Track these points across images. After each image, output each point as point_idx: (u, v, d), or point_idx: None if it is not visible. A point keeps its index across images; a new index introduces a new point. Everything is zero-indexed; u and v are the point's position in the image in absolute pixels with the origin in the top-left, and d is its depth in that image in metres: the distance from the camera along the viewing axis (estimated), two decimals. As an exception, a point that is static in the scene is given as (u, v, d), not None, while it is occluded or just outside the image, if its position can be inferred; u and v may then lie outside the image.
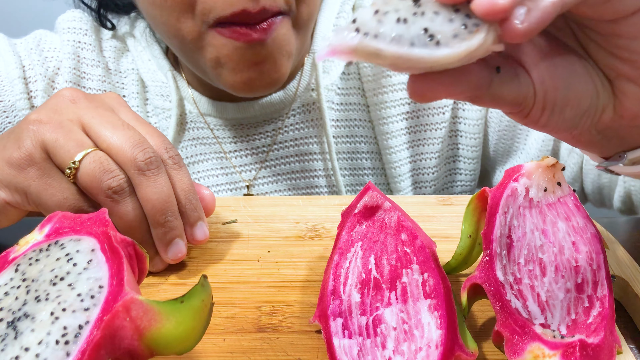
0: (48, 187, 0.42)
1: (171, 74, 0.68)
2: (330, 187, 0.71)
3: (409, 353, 0.33)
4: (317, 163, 0.70)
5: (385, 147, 0.70)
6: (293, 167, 0.70)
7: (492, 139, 0.72)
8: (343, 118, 0.70)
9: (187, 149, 0.69)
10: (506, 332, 0.34)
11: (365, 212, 0.41)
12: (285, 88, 0.68)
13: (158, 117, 0.69)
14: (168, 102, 0.68)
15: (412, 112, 0.71)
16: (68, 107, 0.44)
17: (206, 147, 0.69)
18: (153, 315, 0.29)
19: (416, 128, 0.71)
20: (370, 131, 0.71)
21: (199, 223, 0.45)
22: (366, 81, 0.69)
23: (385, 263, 0.38)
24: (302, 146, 0.70)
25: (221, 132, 0.69)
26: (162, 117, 0.69)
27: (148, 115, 0.70)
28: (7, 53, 0.66)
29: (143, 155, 0.41)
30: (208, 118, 0.69)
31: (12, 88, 0.65)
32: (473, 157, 0.73)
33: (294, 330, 0.39)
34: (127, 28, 0.71)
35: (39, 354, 0.28)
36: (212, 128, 0.69)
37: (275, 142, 0.70)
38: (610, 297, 0.36)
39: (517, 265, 0.37)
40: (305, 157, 0.70)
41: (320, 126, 0.69)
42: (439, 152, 0.72)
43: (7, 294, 0.31)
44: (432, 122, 0.71)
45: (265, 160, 0.70)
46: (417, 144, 0.72)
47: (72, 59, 0.67)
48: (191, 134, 0.69)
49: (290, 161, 0.70)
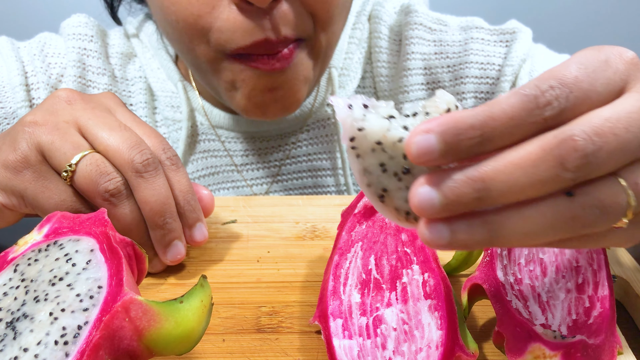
0: (45, 190, 0.41)
1: (182, 84, 0.66)
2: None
3: (409, 354, 0.33)
4: (330, 179, 0.69)
5: None
6: (305, 183, 0.69)
7: None
8: None
9: (198, 161, 0.68)
10: (507, 332, 0.33)
11: (366, 212, 0.41)
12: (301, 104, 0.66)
13: (168, 129, 0.68)
14: (178, 113, 0.67)
15: None
16: (64, 109, 0.43)
17: (217, 160, 0.68)
18: (152, 316, 0.29)
19: None
20: None
21: (198, 224, 0.45)
22: (382, 96, 0.69)
23: (385, 263, 0.38)
24: (315, 161, 0.69)
25: (232, 144, 0.68)
26: (173, 129, 0.67)
27: (157, 126, 0.68)
28: (10, 59, 0.64)
29: (140, 157, 0.41)
30: (219, 130, 0.67)
31: (13, 95, 0.63)
32: None
33: (293, 331, 0.39)
34: (133, 30, 0.69)
35: (38, 354, 0.28)
36: (223, 140, 0.68)
37: (288, 157, 0.68)
38: (611, 298, 0.35)
39: (518, 265, 0.37)
40: (317, 172, 0.69)
41: (333, 142, 0.68)
42: None
43: (6, 294, 0.31)
44: None
45: (278, 174, 0.69)
46: None
47: (77, 67, 0.65)
48: (202, 147, 0.68)
49: (302, 176, 0.69)
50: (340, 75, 0.68)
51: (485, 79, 0.66)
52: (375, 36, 0.69)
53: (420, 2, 0.70)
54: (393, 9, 0.70)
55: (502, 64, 0.66)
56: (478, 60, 0.66)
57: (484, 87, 0.67)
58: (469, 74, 0.66)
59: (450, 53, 0.67)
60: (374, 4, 0.71)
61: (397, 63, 0.68)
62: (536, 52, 0.67)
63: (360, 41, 0.69)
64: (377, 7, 0.70)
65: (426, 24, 0.68)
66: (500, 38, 0.67)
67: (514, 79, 0.65)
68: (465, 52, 0.67)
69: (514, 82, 0.65)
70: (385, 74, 0.68)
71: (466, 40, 0.67)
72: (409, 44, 0.67)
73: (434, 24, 0.68)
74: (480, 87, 0.67)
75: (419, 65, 0.67)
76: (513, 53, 0.65)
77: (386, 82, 0.68)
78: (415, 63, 0.67)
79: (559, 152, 0.25)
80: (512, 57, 0.65)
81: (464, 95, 0.67)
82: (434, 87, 0.68)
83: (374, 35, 0.69)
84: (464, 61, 0.67)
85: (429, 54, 0.67)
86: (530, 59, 0.65)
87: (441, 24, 0.69)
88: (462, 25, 0.69)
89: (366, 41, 0.69)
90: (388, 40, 0.69)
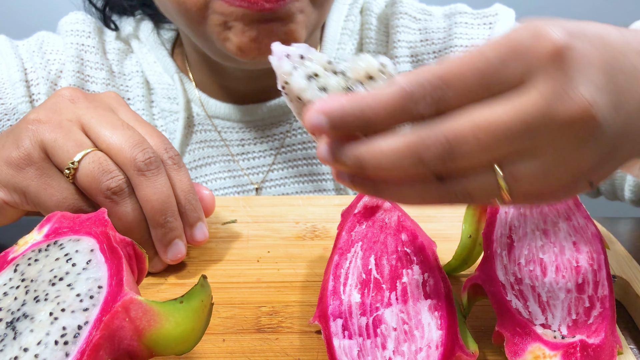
0: (47, 187, 0.42)
1: (178, 76, 0.67)
2: (338, 190, 0.71)
3: (409, 353, 0.33)
4: (325, 167, 0.70)
5: None
6: (301, 171, 0.70)
7: None
8: None
9: (195, 151, 0.69)
10: (507, 332, 0.33)
11: (365, 212, 0.41)
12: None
13: (165, 120, 0.69)
14: (175, 104, 0.68)
15: None
16: (67, 107, 0.44)
17: (213, 150, 0.69)
18: (152, 316, 0.29)
19: None
20: None
21: (199, 224, 0.45)
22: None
23: (385, 263, 0.38)
24: (311, 149, 0.69)
25: (229, 134, 0.68)
26: (170, 120, 0.68)
27: (154, 118, 0.69)
28: (9, 55, 0.66)
29: (142, 155, 0.41)
30: (216, 120, 0.68)
31: (13, 91, 0.64)
32: None
33: (293, 331, 0.39)
34: (130, 30, 0.70)
35: (38, 354, 0.28)
36: (219, 130, 0.68)
37: (284, 145, 0.69)
38: (611, 298, 0.35)
39: (518, 265, 0.37)
40: (313, 160, 0.70)
41: None
42: None
43: (6, 294, 0.31)
44: None
45: (274, 163, 0.69)
46: None
47: (76, 62, 0.67)
48: (198, 137, 0.69)
49: (298, 164, 0.70)
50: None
51: None
52: (366, 27, 0.70)
53: None
54: (383, 1, 0.71)
55: None
56: (462, 43, 0.67)
57: None
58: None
59: (435, 39, 0.68)
60: None
61: (385, 53, 0.69)
62: None
63: (352, 32, 0.70)
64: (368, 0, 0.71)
65: (411, 13, 0.69)
66: (483, 21, 0.68)
67: None
68: (450, 37, 0.68)
69: None
70: None
71: (450, 26, 0.68)
72: (395, 33, 0.68)
73: (418, 14, 0.70)
74: None
75: (406, 53, 0.68)
76: (497, 33, 0.65)
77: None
78: (402, 51, 0.68)
79: (416, 149, 0.28)
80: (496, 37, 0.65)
81: None
82: None
83: (365, 27, 0.70)
84: (449, 45, 0.67)
85: (414, 41, 0.69)
86: None
87: (426, 13, 0.70)
88: (446, 13, 0.70)
89: (358, 33, 0.70)
90: (377, 30, 0.70)
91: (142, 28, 0.70)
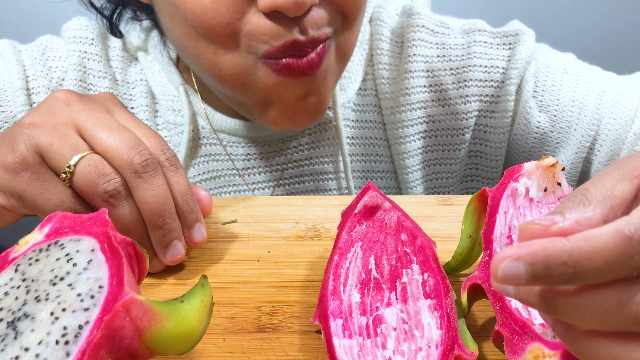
0: (43, 191, 0.41)
1: (183, 88, 0.66)
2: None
3: (409, 353, 0.33)
4: (332, 182, 0.69)
5: (401, 166, 0.69)
6: (307, 187, 0.69)
7: (516, 160, 0.70)
8: (358, 136, 0.69)
9: (200, 165, 0.68)
10: (506, 332, 0.34)
11: (365, 212, 0.41)
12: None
13: (169, 132, 0.67)
14: (180, 117, 0.66)
15: (430, 132, 0.69)
16: (62, 110, 0.43)
17: (219, 164, 0.68)
18: (153, 315, 0.29)
19: (433, 147, 0.70)
20: (386, 150, 0.70)
21: (197, 225, 0.45)
22: (383, 98, 0.68)
23: (385, 263, 0.38)
24: (317, 165, 0.68)
25: (234, 149, 0.67)
26: (174, 133, 0.67)
27: (158, 129, 0.68)
28: (11, 62, 0.64)
29: (139, 157, 0.41)
30: (221, 135, 0.67)
31: (14, 99, 0.63)
32: (492, 177, 0.71)
33: (294, 331, 0.39)
34: (139, 42, 0.68)
35: (39, 354, 0.28)
36: (224, 145, 0.67)
37: (290, 161, 0.68)
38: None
39: (517, 265, 0.37)
40: (319, 176, 0.69)
41: (335, 145, 0.68)
42: (457, 172, 0.71)
43: (7, 294, 0.31)
44: (451, 142, 0.69)
45: (280, 178, 0.68)
46: (433, 163, 0.70)
47: (78, 71, 0.65)
48: (204, 150, 0.67)
49: (304, 180, 0.69)
50: (342, 77, 0.68)
51: (489, 82, 0.66)
52: (376, 38, 0.68)
53: (423, 4, 0.69)
54: (395, 10, 0.70)
55: (507, 66, 0.65)
56: (482, 63, 0.66)
57: (488, 90, 0.67)
58: (473, 77, 0.66)
59: (453, 56, 0.67)
60: (375, 6, 0.70)
61: (398, 65, 0.68)
62: (540, 52, 0.67)
63: (361, 43, 0.69)
64: (378, 9, 0.70)
65: (428, 26, 0.67)
66: (503, 41, 0.67)
67: (519, 81, 0.65)
68: (469, 55, 0.66)
69: (520, 85, 0.65)
70: (386, 76, 0.68)
71: (469, 44, 0.67)
72: (411, 46, 0.67)
73: (436, 27, 0.68)
74: (484, 90, 0.67)
75: (421, 67, 0.67)
76: (517, 55, 0.65)
77: (387, 84, 0.68)
78: (418, 65, 0.67)
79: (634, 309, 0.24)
80: (517, 59, 0.65)
81: (468, 98, 0.67)
82: (436, 89, 0.68)
83: (375, 37, 0.68)
84: (468, 64, 0.66)
85: (431, 56, 0.67)
86: (534, 60, 0.65)
87: (443, 26, 0.69)
88: (465, 29, 0.68)
89: (367, 43, 0.69)
90: (390, 42, 0.68)
91: (151, 39, 0.68)
